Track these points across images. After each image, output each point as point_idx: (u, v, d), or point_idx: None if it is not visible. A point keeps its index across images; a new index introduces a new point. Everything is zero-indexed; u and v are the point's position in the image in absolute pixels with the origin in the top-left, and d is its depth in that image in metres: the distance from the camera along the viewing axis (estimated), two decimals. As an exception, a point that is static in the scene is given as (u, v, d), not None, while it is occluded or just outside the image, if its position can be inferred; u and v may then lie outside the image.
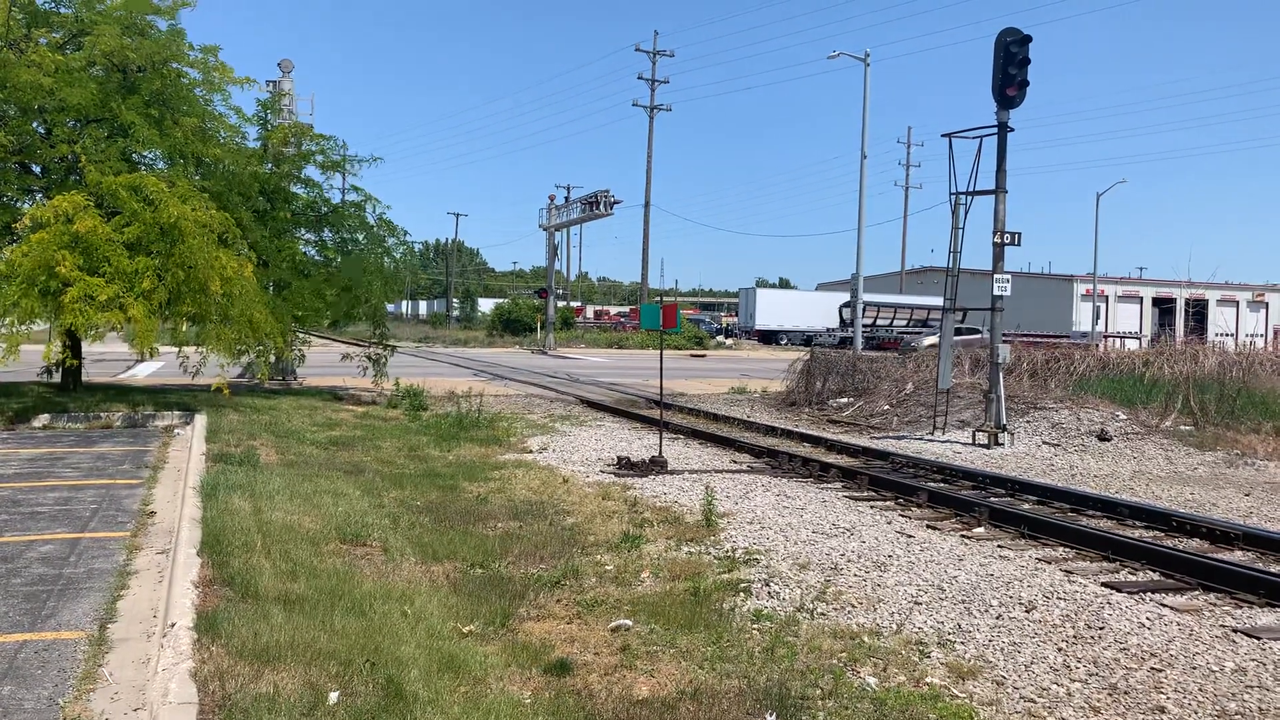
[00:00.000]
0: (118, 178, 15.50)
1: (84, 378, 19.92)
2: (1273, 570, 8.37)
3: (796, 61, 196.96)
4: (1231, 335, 58.87)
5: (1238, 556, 9.08)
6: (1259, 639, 6.62)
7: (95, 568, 7.50)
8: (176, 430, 15.85)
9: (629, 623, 6.58)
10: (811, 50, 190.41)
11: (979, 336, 34.68)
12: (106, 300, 14.61)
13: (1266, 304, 72.53)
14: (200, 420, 15.75)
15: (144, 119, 16.84)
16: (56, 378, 19.41)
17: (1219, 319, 65.59)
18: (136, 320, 14.78)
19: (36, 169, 18.08)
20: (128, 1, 17.65)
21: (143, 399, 18.14)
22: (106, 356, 27.08)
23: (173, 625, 5.75)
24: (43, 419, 16.24)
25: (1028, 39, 16.57)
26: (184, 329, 17.70)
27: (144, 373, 25.58)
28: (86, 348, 20.46)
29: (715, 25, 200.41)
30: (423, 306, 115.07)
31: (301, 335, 22.54)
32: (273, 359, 21.62)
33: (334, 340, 24.12)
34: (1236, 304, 72.39)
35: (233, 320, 16.04)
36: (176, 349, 18.13)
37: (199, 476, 10.54)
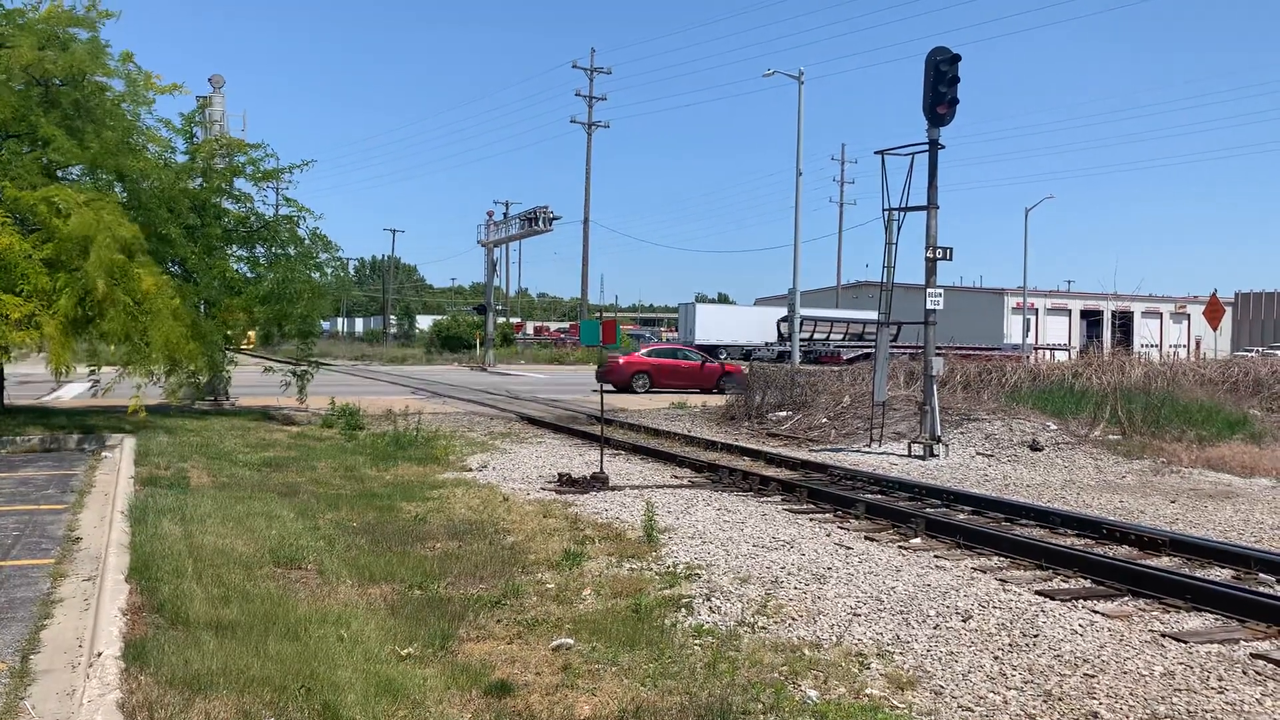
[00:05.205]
0: (35, 192, 15.09)
1: (6, 400, 19.32)
2: (1198, 575, 8.59)
3: (734, 79, 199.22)
4: (1156, 346, 60.56)
5: (1165, 562, 9.31)
6: (1186, 643, 6.78)
7: (17, 596, 7.25)
8: (104, 453, 15.41)
9: (570, 641, 6.54)
10: (748, 68, 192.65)
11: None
12: (20, 319, 14.21)
13: (1188, 315, 74.76)
14: (129, 443, 15.35)
15: (64, 132, 16.42)
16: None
17: (1144, 330, 67.55)
18: (50, 337, 14.39)
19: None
20: (48, 14, 17.21)
21: (68, 422, 17.63)
22: (31, 378, 26.28)
23: (99, 654, 5.57)
24: (-39, 443, 15.69)
25: (957, 58, 16.91)
26: (111, 350, 17.25)
27: (69, 395, 24.87)
28: (10, 369, 19.86)
29: (652, 43, 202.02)
30: (359, 324, 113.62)
31: (231, 354, 22.10)
32: (203, 379, 21.16)
33: (268, 359, 23.72)
34: (1160, 316, 74.58)
35: (150, 340, 15.66)
36: (90, 369, 17.61)
37: (127, 500, 10.26)
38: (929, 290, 17.31)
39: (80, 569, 8.06)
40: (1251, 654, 6.59)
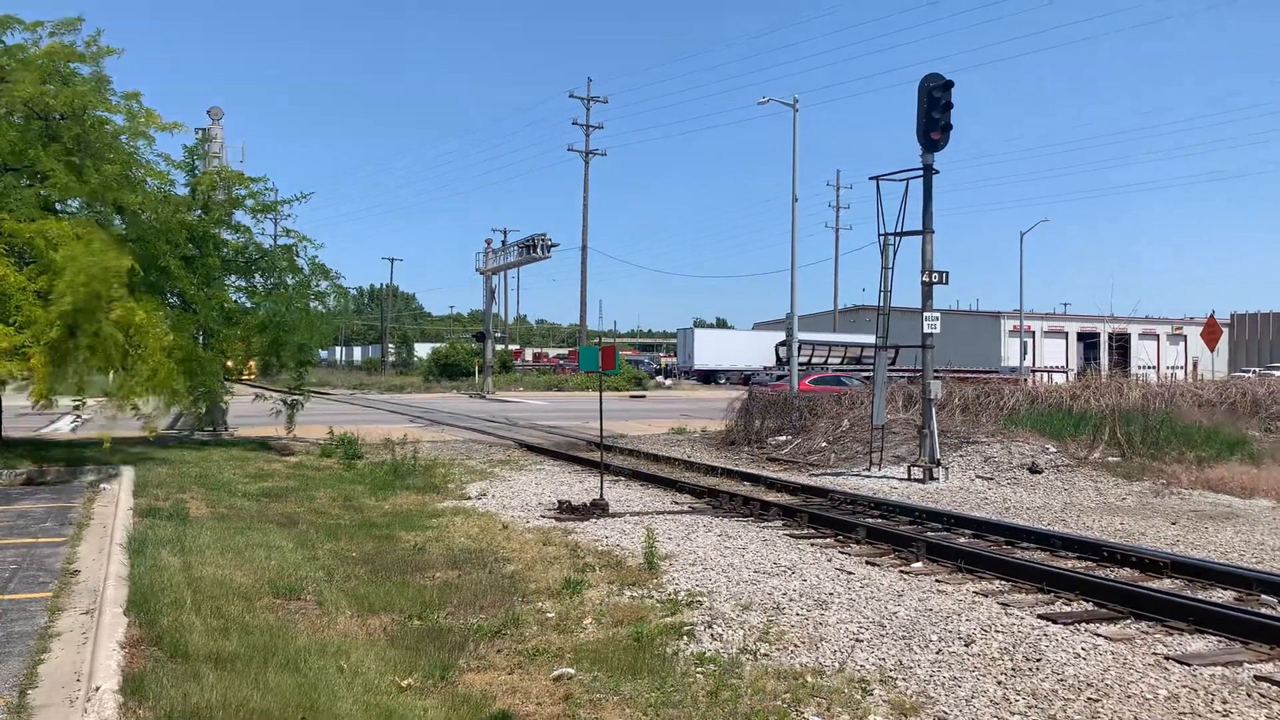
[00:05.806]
0: (32, 225, 15.15)
1: (4, 433, 19.29)
2: (1200, 597, 8.57)
3: (729, 107, 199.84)
4: (1153, 368, 60.72)
5: (1167, 585, 9.28)
6: (1189, 665, 6.76)
7: (15, 631, 7.21)
8: (103, 485, 15.36)
9: (571, 671, 6.51)
10: (744, 96, 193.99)
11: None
12: (9, 349, 14.22)
13: (1185, 337, 74.83)
14: (128, 474, 15.31)
15: (64, 166, 16.50)
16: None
17: (1141, 352, 67.69)
18: (34, 368, 14.40)
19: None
20: (49, 49, 17.34)
21: (66, 454, 17.60)
22: (30, 412, 26.23)
23: (97, 689, 5.54)
24: (-42, 477, 15.64)
25: (949, 84, 17.04)
26: (110, 379, 17.17)
27: (67, 427, 24.84)
28: (9, 402, 19.84)
29: (649, 72, 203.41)
30: (358, 352, 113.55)
31: (230, 384, 22.07)
32: (201, 410, 21.12)
33: (267, 389, 23.68)
34: (1157, 337, 74.70)
35: (136, 374, 15.60)
36: (75, 404, 17.53)
37: (126, 532, 10.23)
38: (926, 314, 17.36)
39: (78, 602, 8.03)
40: (1255, 676, 6.56)
